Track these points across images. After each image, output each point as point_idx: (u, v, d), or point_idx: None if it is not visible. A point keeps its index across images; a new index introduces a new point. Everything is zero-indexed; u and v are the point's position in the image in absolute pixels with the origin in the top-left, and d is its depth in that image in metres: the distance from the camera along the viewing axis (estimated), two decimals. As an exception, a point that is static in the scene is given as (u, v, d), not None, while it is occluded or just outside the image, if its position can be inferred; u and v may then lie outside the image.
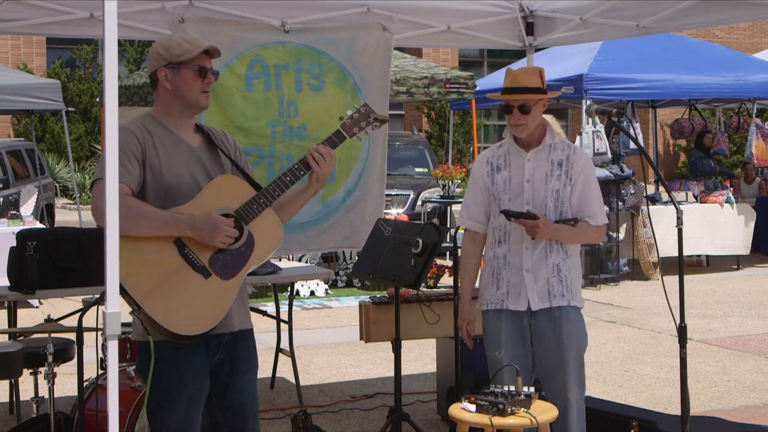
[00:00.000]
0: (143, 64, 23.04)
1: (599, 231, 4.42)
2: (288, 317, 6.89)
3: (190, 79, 3.56)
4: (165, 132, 3.59)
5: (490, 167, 4.43)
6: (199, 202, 3.49)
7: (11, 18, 5.47)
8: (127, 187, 3.40)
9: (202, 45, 3.59)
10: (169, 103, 3.61)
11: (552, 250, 4.31)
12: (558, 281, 4.30)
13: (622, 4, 6.00)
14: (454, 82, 11.92)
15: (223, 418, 3.67)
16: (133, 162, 3.46)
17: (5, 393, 6.39)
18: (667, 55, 13.01)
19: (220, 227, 3.42)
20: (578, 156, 4.38)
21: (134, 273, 3.35)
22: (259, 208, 3.54)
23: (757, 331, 9.00)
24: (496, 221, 4.39)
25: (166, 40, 3.66)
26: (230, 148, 3.77)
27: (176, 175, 3.53)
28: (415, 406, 6.39)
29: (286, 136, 6.04)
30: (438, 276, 11.31)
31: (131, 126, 3.55)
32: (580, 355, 4.35)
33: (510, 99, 4.28)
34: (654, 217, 4.46)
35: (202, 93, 3.59)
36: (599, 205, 4.41)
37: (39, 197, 14.23)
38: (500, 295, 4.37)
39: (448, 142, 17.25)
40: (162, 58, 3.58)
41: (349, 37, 6.12)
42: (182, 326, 3.41)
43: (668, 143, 26.45)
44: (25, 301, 9.25)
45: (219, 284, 3.48)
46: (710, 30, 25.85)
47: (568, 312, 4.30)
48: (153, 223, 3.39)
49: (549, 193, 4.30)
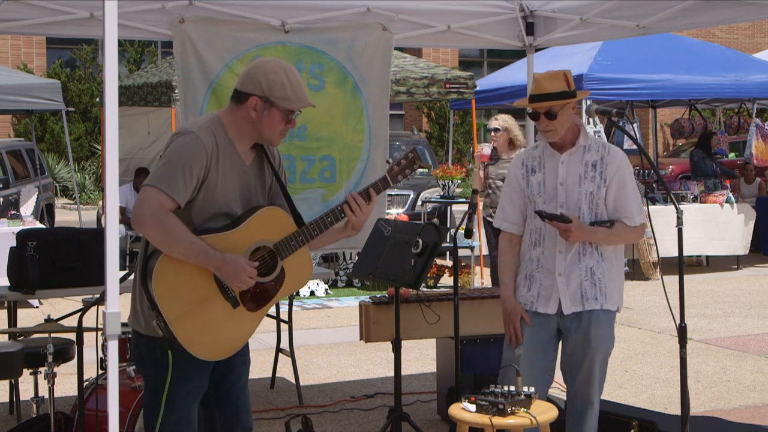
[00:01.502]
0: (143, 64, 23.06)
1: (637, 231, 4.37)
2: (288, 317, 6.89)
3: (277, 121, 3.56)
4: (229, 147, 3.57)
5: (526, 169, 4.41)
6: (242, 232, 3.52)
7: (11, 18, 5.47)
8: (172, 201, 3.38)
9: (305, 100, 3.57)
10: (245, 127, 3.59)
11: (585, 253, 4.29)
12: (591, 284, 4.28)
13: (622, 4, 6.01)
14: (454, 82, 11.92)
15: (218, 411, 3.74)
16: (192, 178, 3.44)
17: (5, 393, 6.39)
18: (667, 55, 13.01)
19: (241, 275, 3.44)
20: (613, 156, 4.33)
21: (173, 293, 3.42)
22: (297, 245, 3.59)
23: (757, 331, 8.99)
24: (533, 223, 4.38)
25: (272, 72, 3.54)
26: (276, 159, 3.78)
27: (225, 196, 3.55)
28: (415, 406, 6.38)
29: (287, 136, 6.03)
30: (438, 276, 11.31)
31: (205, 138, 3.49)
32: (606, 358, 4.35)
33: (535, 107, 4.26)
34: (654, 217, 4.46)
35: (281, 136, 3.62)
36: (636, 205, 4.33)
37: (39, 197, 14.22)
38: (530, 296, 4.36)
39: (448, 142, 17.26)
40: (260, 89, 3.53)
41: (349, 37, 6.12)
42: (204, 352, 3.50)
43: (668, 143, 26.45)
44: (25, 301, 9.24)
45: (244, 315, 3.56)
46: (710, 30, 25.85)
47: (599, 315, 4.28)
48: (186, 250, 3.41)
49: (583, 196, 4.28)
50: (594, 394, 4.34)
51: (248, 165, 3.65)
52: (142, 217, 3.37)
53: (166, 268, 3.40)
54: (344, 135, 6.27)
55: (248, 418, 3.80)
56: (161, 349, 3.47)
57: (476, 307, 5.89)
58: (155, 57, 23.71)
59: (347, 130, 6.28)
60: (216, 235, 3.48)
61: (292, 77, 3.57)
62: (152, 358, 3.55)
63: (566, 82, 4.24)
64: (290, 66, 3.64)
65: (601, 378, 4.36)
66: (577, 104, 4.32)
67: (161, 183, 3.38)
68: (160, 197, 3.36)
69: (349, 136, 6.29)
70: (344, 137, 6.28)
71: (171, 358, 3.45)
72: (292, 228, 3.61)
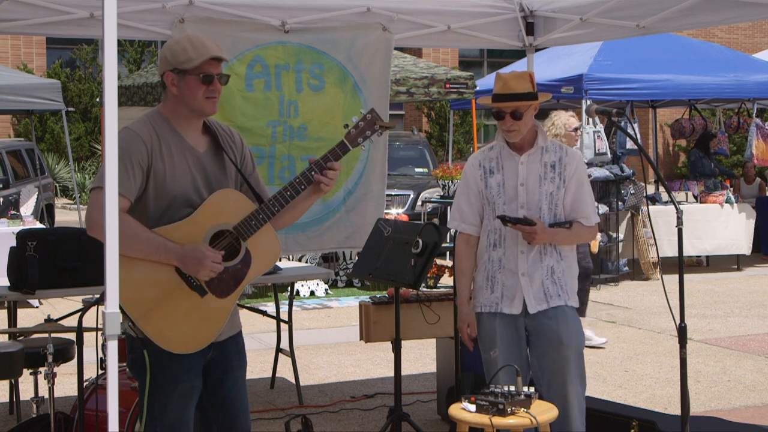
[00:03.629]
0: (143, 64, 23.07)
1: (592, 230, 4.47)
2: (288, 317, 6.89)
3: (194, 86, 3.51)
4: (173, 135, 3.55)
5: (483, 170, 4.42)
6: (197, 218, 3.48)
7: (11, 18, 5.46)
8: (124, 199, 3.35)
9: (207, 52, 3.50)
10: (177, 107, 3.58)
11: (546, 252, 4.33)
12: (552, 283, 4.32)
13: (622, 4, 6.00)
14: (454, 82, 11.91)
15: (214, 414, 3.69)
16: (136, 170, 3.43)
17: (5, 393, 6.39)
18: (667, 55, 13.01)
19: (205, 263, 3.40)
20: (571, 157, 4.38)
21: (131, 293, 3.37)
22: (257, 224, 3.52)
23: (757, 331, 9.00)
24: (491, 224, 4.38)
25: (174, 43, 3.58)
26: (236, 149, 3.72)
27: (179, 184, 3.51)
28: (415, 406, 6.39)
29: (287, 136, 6.04)
30: (438, 276, 11.31)
31: (140, 130, 3.50)
32: (580, 352, 4.36)
33: (502, 106, 4.27)
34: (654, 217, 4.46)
35: (207, 99, 3.54)
36: (591, 205, 4.43)
37: (39, 197, 14.23)
38: (494, 298, 4.37)
39: (448, 142, 17.26)
40: (168, 63, 3.54)
41: (349, 37, 6.12)
42: (176, 345, 3.46)
43: (668, 143, 26.45)
44: (25, 301, 9.25)
45: (215, 303, 3.50)
46: (710, 30, 25.86)
47: (565, 311, 4.32)
48: (143, 248, 3.39)
49: (543, 196, 4.32)
50: (573, 391, 4.30)
51: (202, 152, 3.60)
52: (95, 220, 3.32)
53: (123, 266, 3.23)
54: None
55: (246, 420, 3.76)
56: (141, 350, 3.46)
57: (474, 308, 5.88)
58: (155, 57, 23.70)
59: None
60: (169, 226, 3.44)
61: (195, 39, 3.55)
62: (136, 361, 3.52)
63: (531, 83, 4.28)
64: (197, 33, 3.61)
65: (579, 375, 4.33)
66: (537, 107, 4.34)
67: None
68: None
69: (350, 136, 6.28)
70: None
71: (147, 357, 3.43)
72: (251, 208, 3.54)
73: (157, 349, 3.45)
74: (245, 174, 3.70)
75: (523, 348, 4.37)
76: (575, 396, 4.32)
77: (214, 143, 3.66)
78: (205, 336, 3.52)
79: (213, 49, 3.53)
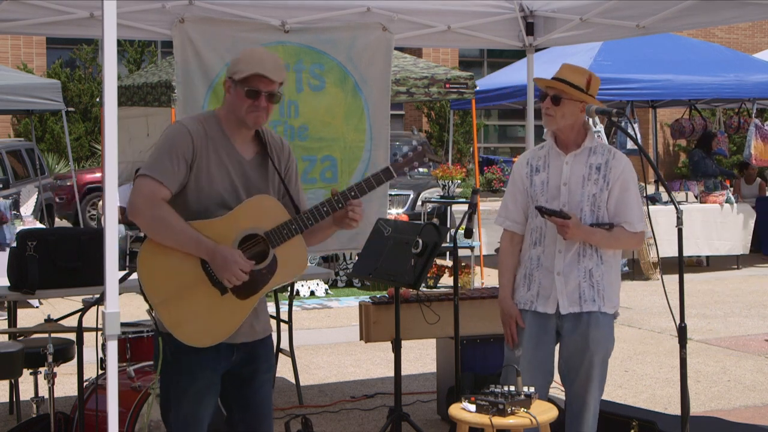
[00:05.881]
0: (143, 64, 23.05)
1: (636, 238, 4.34)
2: (288, 317, 6.89)
3: (240, 97, 3.55)
4: (221, 138, 3.58)
5: (530, 168, 4.41)
6: (231, 219, 3.51)
7: (11, 18, 5.47)
8: (163, 187, 3.43)
9: (254, 68, 3.52)
10: (228, 112, 3.62)
11: (585, 254, 4.28)
12: (589, 286, 4.27)
13: (622, 4, 6.01)
14: (454, 82, 11.92)
15: (239, 416, 3.71)
16: (180, 162, 3.47)
17: (5, 393, 6.39)
18: (667, 55, 13.01)
19: (233, 268, 3.42)
20: (617, 160, 4.32)
21: (155, 277, 3.44)
22: (289, 233, 3.54)
23: (757, 331, 8.99)
24: (534, 222, 4.37)
25: (241, 52, 3.66)
26: (283, 160, 3.74)
27: (219, 184, 3.54)
28: (415, 406, 6.38)
29: (287, 136, 6.04)
30: (438, 276, 11.31)
31: (191, 126, 3.55)
32: (605, 359, 4.34)
33: (546, 83, 4.26)
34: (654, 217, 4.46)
35: (249, 113, 3.55)
36: (637, 211, 4.32)
37: (39, 197, 14.23)
38: (530, 296, 4.36)
39: (448, 142, 17.24)
40: (229, 69, 3.61)
41: (350, 37, 6.12)
42: (188, 337, 3.48)
43: (668, 143, 26.45)
44: (25, 301, 9.24)
45: (233, 303, 3.52)
46: (710, 30, 25.86)
47: (597, 317, 4.27)
48: (177, 238, 3.43)
49: (585, 197, 4.27)
50: (592, 397, 4.32)
51: (248, 159, 3.63)
52: (136, 205, 3.42)
53: (151, 251, 3.43)
54: (345, 135, 6.27)
55: (269, 425, 3.78)
56: (158, 336, 3.50)
57: (476, 307, 5.89)
58: (155, 57, 23.70)
59: (348, 130, 6.28)
60: (203, 221, 3.47)
61: (255, 53, 3.61)
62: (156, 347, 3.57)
63: (587, 82, 4.24)
64: (262, 49, 3.67)
65: (600, 380, 4.35)
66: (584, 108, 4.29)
67: (151, 170, 3.44)
68: (152, 185, 3.41)
69: (350, 136, 6.30)
70: (345, 137, 6.28)
71: (161, 344, 3.47)
72: (286, 217, 3.57)
73: (178, 341, 3.48)
74: (287, 185, 3.72)
75: (549, 350, 4.34)
76: (593, 401, 4.34)
77: (263, 152, 3.69)
78: (217, 334, 3.53)
79: (261, 67, 3.53)
